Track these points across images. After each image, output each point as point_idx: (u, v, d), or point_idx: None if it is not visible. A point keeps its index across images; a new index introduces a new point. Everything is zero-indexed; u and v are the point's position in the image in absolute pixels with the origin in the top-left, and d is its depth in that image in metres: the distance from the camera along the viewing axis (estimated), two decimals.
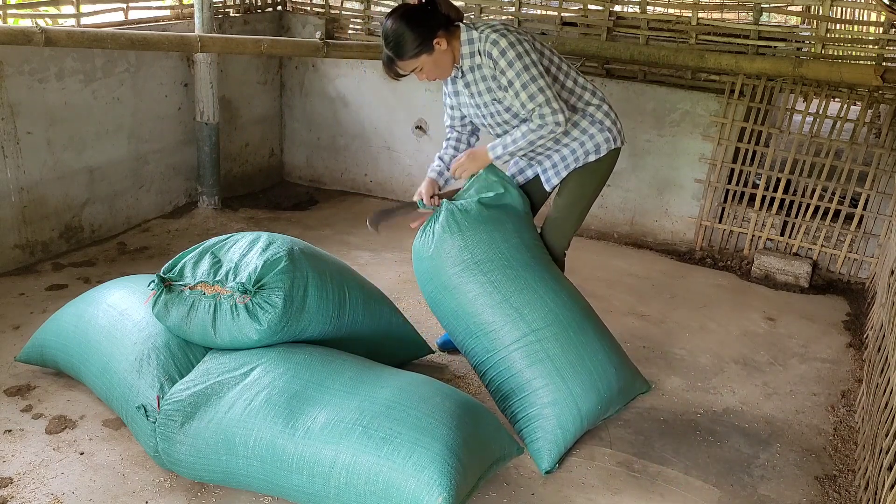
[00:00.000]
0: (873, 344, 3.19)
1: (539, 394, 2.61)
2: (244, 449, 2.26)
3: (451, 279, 2.75)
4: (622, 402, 2.81)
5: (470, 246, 2.76)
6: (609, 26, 4.46)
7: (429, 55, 2.64)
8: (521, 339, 2.66)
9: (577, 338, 2.69)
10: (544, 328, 2.66)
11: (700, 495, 2.53)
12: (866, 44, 4.19)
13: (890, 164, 4.07)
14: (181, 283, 2.56)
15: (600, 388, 2.66)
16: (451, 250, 2.76)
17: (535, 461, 2.59)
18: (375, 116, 5.09)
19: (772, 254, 4.27)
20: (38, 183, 3.78)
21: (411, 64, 2.66)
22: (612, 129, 2.88)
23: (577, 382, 2.62)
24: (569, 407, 2.59)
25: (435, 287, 2.81)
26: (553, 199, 3.04)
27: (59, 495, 2.32)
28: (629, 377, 2.83)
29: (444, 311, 2.83)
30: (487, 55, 2.65)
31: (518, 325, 2.67)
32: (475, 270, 2.73)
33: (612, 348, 2.81)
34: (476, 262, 2.74)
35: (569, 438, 2.60)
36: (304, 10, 5.22)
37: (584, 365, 2.66)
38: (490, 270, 2.73)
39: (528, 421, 2.62)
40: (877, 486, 2.32)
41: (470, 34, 2.68)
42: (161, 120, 4.41)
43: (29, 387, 2.83)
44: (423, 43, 2.62)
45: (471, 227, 2.77)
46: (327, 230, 4.56)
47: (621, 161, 4.52)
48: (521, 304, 2.69)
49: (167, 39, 3.72)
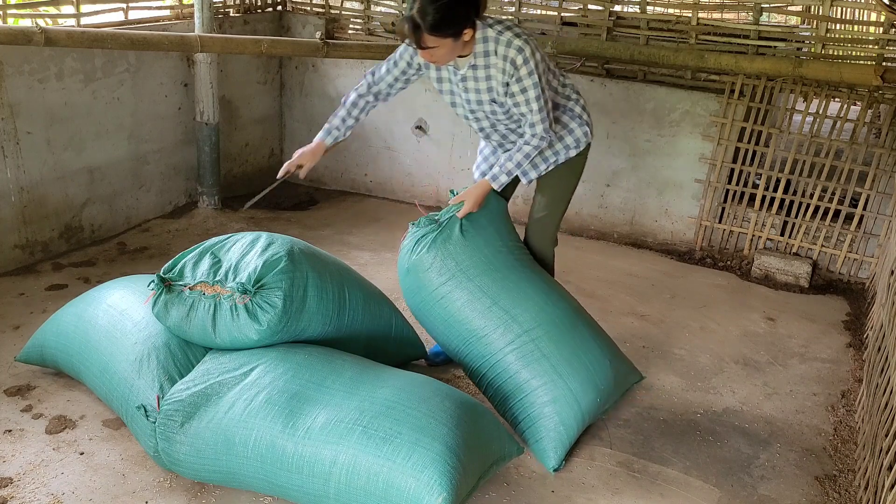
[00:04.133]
0: (873, 344, 3.19)
1: (538, 393, 2.61)
2: (244, 449, 2.26)
3: (439, 289, 2.75)
4: (618, 393, 2.82)
5: (454, 254, 2.76)
6: (609, 26, 4.46)
7: (455, 40, 2.54)
8: (515, 340, 2.66)
9: (569, 334, 2.70)
10: (536, 327, 2.67)
11: (700, 495, 2.53)
12: (866, 44, 4.19)
13: (890, 164, 4.07)
14: (181, 284, 2.56)
15: (597, 381, 2.67)
16: (435, 261, 2.76)
17: (542, 461, 2.60)
18: (375, 116, 5.08)
19: (772, 254, 4.27)
20: (38, 183, 3.78)
21: (436, 41, 2.50)
22: (589, 122, 2.92)
23: (574, 378, 2.63)
24: (569, 403, 2.60)
25: (422, 299, 2.81)
26: (536, 199, 3.02)
27: (59, 495, 2.32)
28: (623, 368, 2.85)
29: (435, 322, 2.83)
30: (510, 61, 2.60)
31: (510, 328, 2.67)
32: (461, 278, 2.74)
33: (604, 341, 2.83)
34: (461, 270, 2.74)
35: (572, 435, 2.61)
36: (304, 10, 5.22)
37: (580, 360, 2.67)
38: (476, 276, 2.74)
39: (530, 422, 2.62)
40: (877, 486, 2.32)
41: (485, 33, 2.61)
42: (161, 120, 4.41)
43: (29, 387, 2.83)
44: (459, 26, 2.50)
45: (452, 236, 2.78)
46: (327, 230, 4.56)
47: (621, 161, 4.54)
48: (510, 306, 2.69)
49: (167, 39, 3.72)
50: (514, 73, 2.61)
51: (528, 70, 2.61)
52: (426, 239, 2.79)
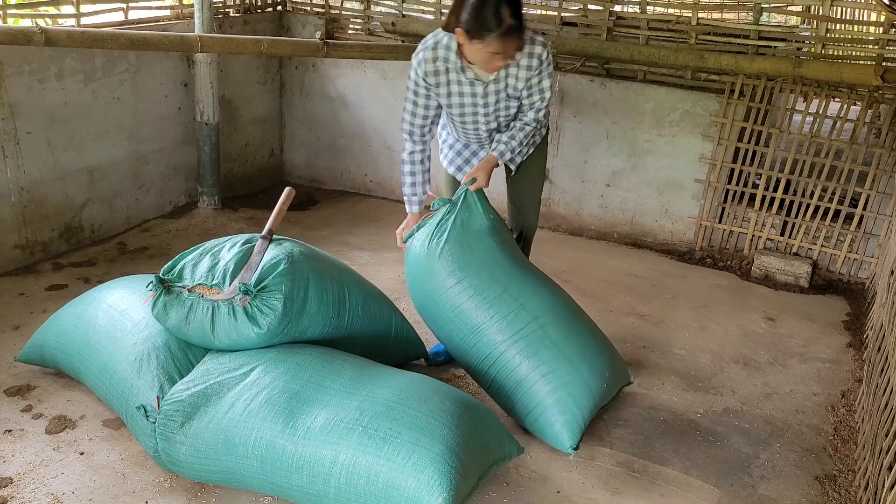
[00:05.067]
0: (873, 344, 3.19)
1: (549, 378, 2.62)
2: (244, 449, 2.26)
3: (450, 277, 2.76)
4: (614, 390, 2.84)
5: (470, 242, 2.78)
6: (609, 26, 4.46)
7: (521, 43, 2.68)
8: (525, 327, 2.68)
9: (573, 324, 2.76)
10: (544, 315, 2.71)
11: (700, 495, 2.53)
12: (866, 44, 4.19)
13: (890, 164, 4.07)
14: (180, 285, 2.55)
15: (602, 368, 2.71)
16: (453, 248, 2.77)
17: (558, 445, 2.60)
18: (375, 116, 5.09)
19: (772, 254, 4.27)
20: (38, 183, 3.78)
21: (519, 45, 2.65)
22: (548, 108, 3.07)
23: (583, 363, 2.66)
24: (580, 387, 2.62)
25: (431, 288, 2.81)
26: (520, 182, 3.18)
27: (59, 495, 2.32)
28: (619, 366, 2.89)
29: (440, 316, 2.82)
30: (537, 57, 2.77)
31: (520, 315, 2.70)
32: (476, 266, 2.76)
33: (601, 335, 2.90)
34: (476, 257, 2.76)
35: (586, 415, 2.62)
36: (304, 10, 5.22)
37: (587, 347, 2.71)
38: (488, 264, 2.77)
39: (542, 409, 2.62)
40: (877, 486, 2.32)
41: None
42: (161, 120, 4.41)
43: (29, 387, 2.83)
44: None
45: (461, 232, 2.80)
46: (327, 230, 4.56)
47: (621, 161, 4.54)
48: (519, 294, 2.73)
49: (167, 39, 3.72)
50: (538, 67, 2.79)
51: (547, 63, 2.82)
52: (445, 224, 2.80)
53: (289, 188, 2.87)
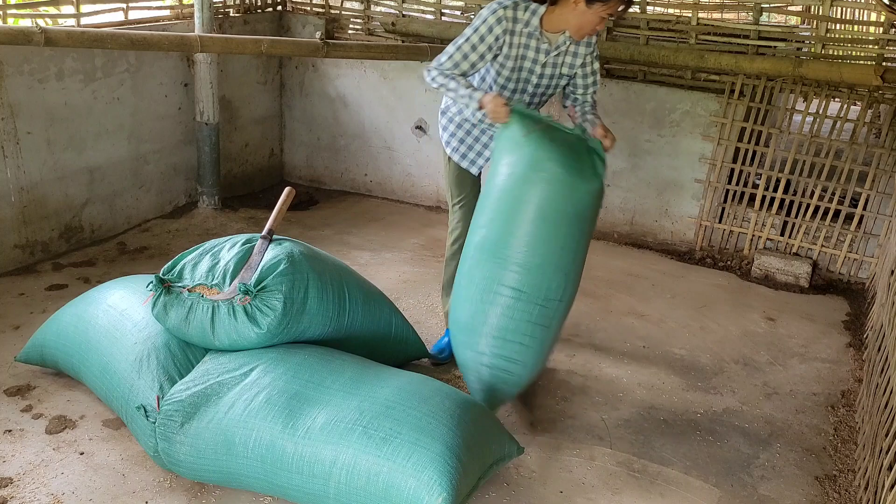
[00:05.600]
0: (873, 344, 3.19)
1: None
2: (244, 449, 2.26)
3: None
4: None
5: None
6: (609, 26, 4.46)
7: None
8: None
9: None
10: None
11: (700, 495, 2.53)
12: (866, 44, 4.19)
13: (890, 164, 4.07)
14: (180, 285, 2.55)
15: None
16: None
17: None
18: (375, 116, 5.09)
19: (772, 254, 4.27)
20: (38, 183, 3.78)
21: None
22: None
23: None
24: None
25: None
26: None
27: (59, 495, 2.32)
28: None
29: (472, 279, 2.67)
30: (588, 42, 2.87)
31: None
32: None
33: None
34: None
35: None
36: (304, 10, 5.22)
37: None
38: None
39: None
40: (877, 486, 2.32)
41: None
42: (161, 120, 4.41)
43: (29, 387, 2.83)
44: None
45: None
46: (327, 230, 4.56)
47: (621, 161, 4.54)
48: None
49: (167, 39, 3.72)
50: (593, 49, 2.91)
51: (596, 46, 2.95)
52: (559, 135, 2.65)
53: (289, 188, 2.86)
